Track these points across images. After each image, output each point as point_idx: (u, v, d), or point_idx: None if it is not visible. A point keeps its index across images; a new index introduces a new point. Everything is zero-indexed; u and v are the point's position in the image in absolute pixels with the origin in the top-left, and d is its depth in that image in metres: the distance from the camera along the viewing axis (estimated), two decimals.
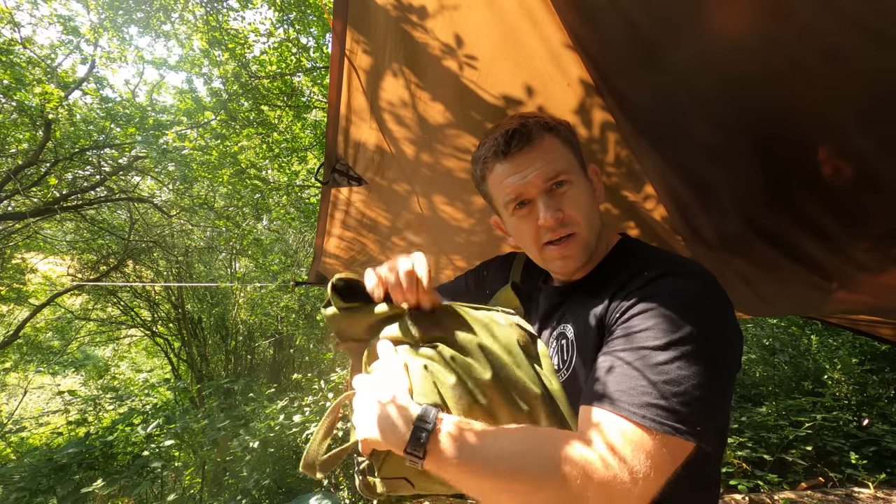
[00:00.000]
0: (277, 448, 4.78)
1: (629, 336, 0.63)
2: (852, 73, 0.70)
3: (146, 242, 7.55)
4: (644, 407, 0.56)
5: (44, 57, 5.72)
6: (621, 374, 0.60)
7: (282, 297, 8.25)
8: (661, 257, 0.76)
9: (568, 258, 0.79)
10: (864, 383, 5.12)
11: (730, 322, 0.66)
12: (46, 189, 6.09)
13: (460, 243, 1.89)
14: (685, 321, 0.61)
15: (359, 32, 1.13)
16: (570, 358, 0.75)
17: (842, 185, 0.91)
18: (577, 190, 0.78)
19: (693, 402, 0.57)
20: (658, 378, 0.58)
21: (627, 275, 0.72)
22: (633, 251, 0.82)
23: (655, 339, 0.61)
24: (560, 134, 0.79)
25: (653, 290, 0.66)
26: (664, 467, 0.56)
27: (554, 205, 0.76)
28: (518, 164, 0.77)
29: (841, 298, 1.37)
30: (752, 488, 3.67)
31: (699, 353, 0.59)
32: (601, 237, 0.83)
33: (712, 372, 0.59)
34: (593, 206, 0.81)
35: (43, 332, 8.57)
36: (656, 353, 0.60)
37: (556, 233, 0.78)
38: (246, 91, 6.16)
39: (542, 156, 0.76)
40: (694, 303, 0.64)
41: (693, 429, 0.56)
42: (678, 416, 0.56)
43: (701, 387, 0.58)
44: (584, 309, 0.76)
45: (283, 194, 6.94)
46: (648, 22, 0.83)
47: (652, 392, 0.57)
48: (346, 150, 1.53)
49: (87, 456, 3.94)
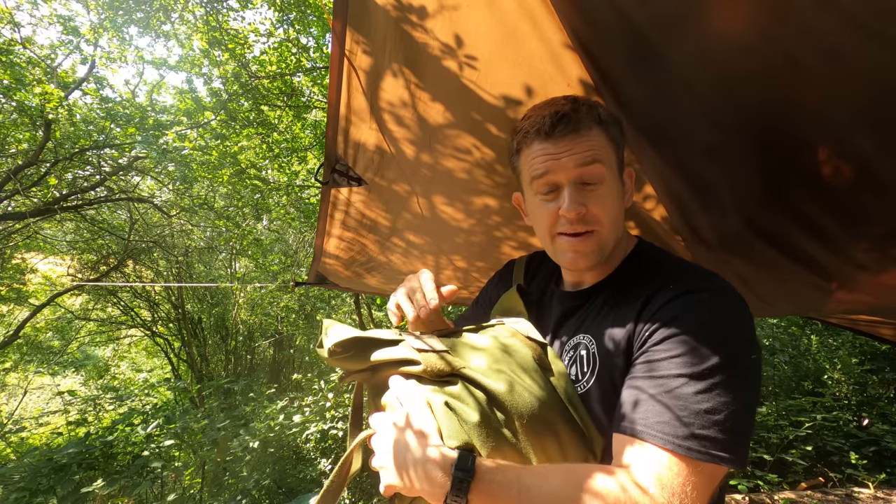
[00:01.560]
0: (277, 448, 4.78)
1: (663, 361, 0.62)
2: (851, 73, 0.70)
3: (146, 242, 7.55)
4: (688, 439, 0.56)
5: (44, 57, 5.72)
6: (661, 404, 0.60)
7: (282, 298, 8.26)
8: (684, 269, 0.75)
9: (580, 254, 0.77)
10: (864, 383, 5.12)
11: (754, 336, 0.65)
12: (46, 189, 6.09)
13: (460, 244, 1.89)
14: (718, 344, 0.61)
15: (358, 33, 1.13)
16: (589, 371, 0.73)
17: (841, 185, 0.91)
18: (608, 190, 0.75)
19: (734, 429, 0.57)
20: (699, 407, 0.58)
21: (652, 288, 0.71)
22: (653, 259, 0.80)
23: (692, 365, 0.60)
24: (608, 129, 0.76)
25: (681, 309, 0.65)
26: (707, 493, 0.57)
27: (580, 199, 0.74)
28: (558, 147, 0.74)
29: (841, 298, 1.37)
30: (752, 488, 3.67)
31: (735, 377, 0.60)
32: (620, 241, 0.81)
33: (747, 393, 0.60)
34: (620, 210, 0.79)
35: (43, 332, 8.57)
36: (693, 381, 0.59)
37: (574, 227, 0.76)
38: (246, 91, 6.16)
39: (584, 143, 0.74)
40: (725, 323, 0.64)
41: (734, 454, 0.57)
42: (721, 445, 0.56)
43: (739, 411, 0.58)
44: (607, 322, 0.74)
45: (283, 194, 6.94)
46: (647, 21, 0.83)
47: (694, 423, 0.57)
48: (345, 151, 1.53)
49: (87, 456, 3.94)
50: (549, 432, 0.66)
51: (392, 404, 0.68)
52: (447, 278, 2.27)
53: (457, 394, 0.65)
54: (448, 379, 0.68)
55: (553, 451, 0.66)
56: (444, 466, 0.57)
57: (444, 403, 0.64)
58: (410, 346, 0.70)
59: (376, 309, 6.90)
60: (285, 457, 4.89)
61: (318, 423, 4.51)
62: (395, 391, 0.69)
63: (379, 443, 0.65)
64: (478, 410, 0.63)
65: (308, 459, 4.75)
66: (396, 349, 0.71)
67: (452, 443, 0.60)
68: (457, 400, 0.65)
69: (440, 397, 0.65)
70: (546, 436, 0.66)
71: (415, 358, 0.69)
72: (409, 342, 0.72)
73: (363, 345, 0.73)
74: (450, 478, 0.56)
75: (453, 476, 0.56)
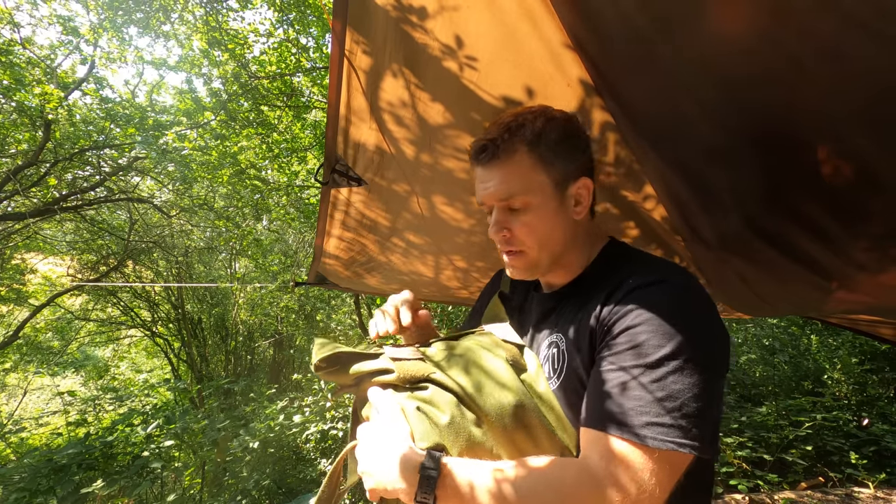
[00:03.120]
0: (277, 448, 4.79)
1: (621, 353, 0.64)
2: (851, 72, 0.70)
3: (146, 243, 7.55)
4: (645, 427, 0.58)
5: (43, 57, 5.72)
6: (618, 394, 0.61)
7: (282, 298, 8.26)
8: (647, 263, 0.77)
9: (514, 268, 0.83)
10: (863, 383, 5.13)
11: (716, 325, 0.66)
12: (46, 189, 6.09)
13: (460, 244, 1.89)
14: (674, 333, 0.62)
15: (358, 33, 1.13)
16: (560, 368, 0.75)
17: (841, 185, 0.91)
18: (535, 215, 0.77)
19: (691, 415, 0.58)
20: (654, 395, 0.59)
21: (613, 283, 0.73)
22: (617, 256, 0.82)
23: (647, 355, 0.61)
24: (538, 148, 0.75)
25: (638, 301, 0.66)
26: (669, 482, 0.58)
27: (504, 222, 0.78)
28: (484, 175, 0.78)
29: (841, 298, 1.37)
30: (752, 488, 3.67)
31: (691, 364, 0.60)
32: (578, 247, 0.83)
33: (705, 380, 0.61)
34: (555, 228, 0.79)
35: (43, 333, 8.58)
36: (649, 370, 0.60)
37: (503, 247, 0.81)
38: (245, 91, 6.16)
39: (502, 175, 0.76)
40: (679, 312, 0.64)
41: (694, 441, 0.58)
42: (679, 432, 0.57)
43: (697, 398, 0.59)
44: (574, 319, 0.76)
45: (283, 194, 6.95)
46: (647, 21, 0.83)
47: (651, 410, 0.58)
48: (345, 151, 1.53)
49: (87, 456, 3.94)
50: (520, 428, 0.69)
51: (371, 414, 0.73)
52: (447, 278, 2.27)
53: (428, 398, 0.70)
54: (421, 384, 0.73)
55: (526, 446, 0.69)
56: (414, 466, 0.61)
57: (416, 408, 0.68)
58: (388, 357, 0.76)
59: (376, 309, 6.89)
60: (285, 457, 4.89)
61: (318, 424, 4.52)
62: (372, 401, 0.74)
63: (361, 451, 0.69)
64: (448, 412, 0.68)
65: (308, 460, 4.75)
66: (373, 361, 0.77)
67: (423, 444, 0.65)
68: (428, 404, 0.69)
69: (412, 402, 0.69)
70: (517, 432, 0.69)
71: (390, 367, 0.75)
72: (388, 353, 0.77)
73: (345, 360, 0.79)
74: (418, 475, 0.60)
75: (420, 474, 0.60)
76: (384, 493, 0.65)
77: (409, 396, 0.71)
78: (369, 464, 0.66)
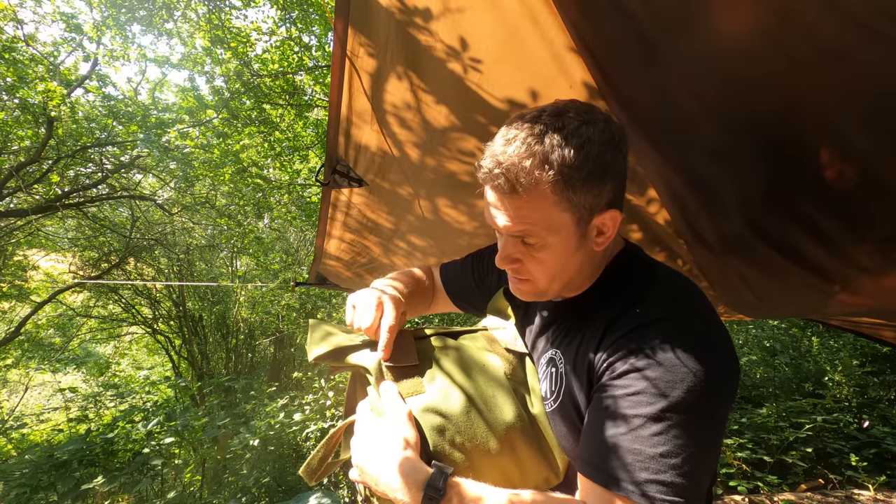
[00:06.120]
0: (278, 446, 4.79)
1: (620, 398, 0.61)
2: (853, 74, 0.70)
3: (147, 240, 7.56)
4: (644, 484, 0.56)
5: (46, 54, 5.73)
6: (616, 446, 0.59)
7: (283, 296, 8.26)
8: (653, 284, 0.71)
9: (521, 292, 0.77)
10: (864, 385, 5.12)
11: (725, 363, 0.62)
12: (48, 186, 6.10)
13: (463, 246, 1.89)
14: (677, 382, 0.58)
15: (361, 33, 1.13)
16: (557, 391, 0.73)
17: (843, 187, 0.91)
18: (550, 252, 0.69)
19: (692, 472, 0.57)
20: (654, 451, 0.57)
21: (618, 307, 0.69)
22: (626, 272, 0.76)
23: (649, 404, 0.59)
24: (560, 183, 0.62)
25: (642, 341, 0.62)
26: None
27: (514, 255, 0.71)
28: (496, 201, 0.67)
29: (842, 301, 1.37)
30: (751, 489, 3.67)
31: (696, 417, 0.58)
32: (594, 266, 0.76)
33: (708, 434, 0.59)
34: (570, 263, 0.71)
35: (44, 329, 8.60)
36: (650, 423, 0.58)
37: (510, 273, 0.76)
38: (248, 89, 6.16)
39: (518, 209, 0.65)
40: (688, 359, 0.60)
41: (688, 498, 0.56)
42: (675, 490, 0.56)
43: (698, 453, 0.57)
44: (574, 342, 0.73)
45: (285, 193, 6.95)
46: (650, 22, 0.83)
47: (650, 467, 0.57)
48: (346, 152, 1.53)
49: (88, 453, 3.95)
50: (507, 452, 0.67)
51: (378, 408, 0.70)
52: None
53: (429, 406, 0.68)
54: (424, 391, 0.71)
55: (511, 470, 0.68)
56: (418, 482, 0.59)
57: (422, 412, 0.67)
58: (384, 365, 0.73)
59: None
60: (285, 455, 4.90)
61: (319, 422, 4.52)
62: (381, 396, 0.70)
63: (359, 442, 0.68)
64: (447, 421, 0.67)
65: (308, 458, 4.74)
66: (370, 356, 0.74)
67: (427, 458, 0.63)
68: (430, 413, 0.67)
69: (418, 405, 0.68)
70: (504, 455, 0.67)
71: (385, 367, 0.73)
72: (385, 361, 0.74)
73: (340, 352, 0.77)
74: (421, 493, 0.58)
75: (424, 493, 0.58)
76: (377, 493, 0.64)
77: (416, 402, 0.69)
78: (368, 461, 0.65)
